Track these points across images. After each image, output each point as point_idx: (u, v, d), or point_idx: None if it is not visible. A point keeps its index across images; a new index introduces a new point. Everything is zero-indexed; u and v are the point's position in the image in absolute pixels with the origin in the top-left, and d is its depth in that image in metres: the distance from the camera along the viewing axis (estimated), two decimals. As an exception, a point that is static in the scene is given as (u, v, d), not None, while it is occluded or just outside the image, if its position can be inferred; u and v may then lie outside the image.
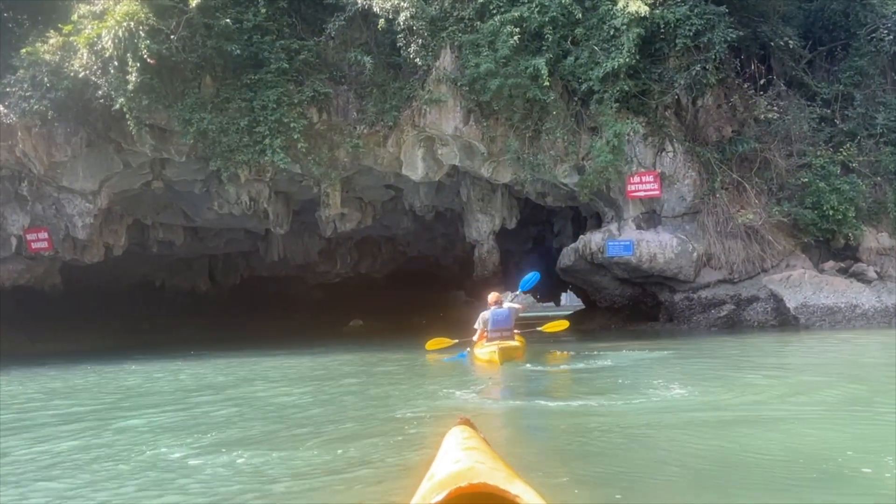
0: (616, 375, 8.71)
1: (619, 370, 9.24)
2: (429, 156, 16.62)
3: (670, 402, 6.33)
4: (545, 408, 6.58)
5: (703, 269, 16.78)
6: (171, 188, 18.75)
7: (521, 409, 6.82)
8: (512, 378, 9.14)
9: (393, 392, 8.11)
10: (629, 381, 8.04)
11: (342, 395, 8.18)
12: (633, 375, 8.68)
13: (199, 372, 11.71)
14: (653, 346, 12.80)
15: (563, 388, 8.56)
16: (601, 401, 6.46)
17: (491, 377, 9.23)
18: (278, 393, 8.44)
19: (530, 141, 16.00)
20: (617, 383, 7.97)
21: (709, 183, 16.83)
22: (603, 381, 8.18)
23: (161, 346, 20.42)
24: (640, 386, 7.45)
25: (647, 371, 9.16)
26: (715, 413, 5.74)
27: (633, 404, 6.21)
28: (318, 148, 15.62)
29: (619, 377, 8.49)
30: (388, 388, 8.50)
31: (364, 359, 12.71)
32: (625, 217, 17.12)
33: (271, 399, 7.99)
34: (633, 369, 9.37)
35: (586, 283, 18.16)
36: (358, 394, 8.21)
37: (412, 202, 19.96)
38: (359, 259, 26.37)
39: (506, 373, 9.47)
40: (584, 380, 8.65)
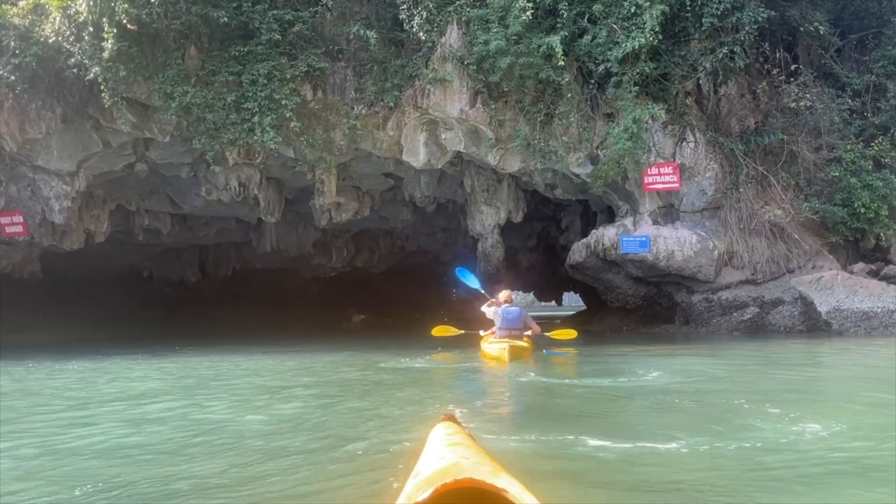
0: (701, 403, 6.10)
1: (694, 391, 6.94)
2: (431, 141, 15.22)
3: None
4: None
5: (724, 269, 15.42)
6: (156, 172, 17.34)
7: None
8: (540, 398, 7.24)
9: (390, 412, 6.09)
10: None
11: (317, 412, 6.16)
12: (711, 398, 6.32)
13: (164, 370, 10.34)
14: (685, 351, 11.47)
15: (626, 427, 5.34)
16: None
17: (505, 395, 7.74)
18: (228, 407, 6.54)
19: (541, 126, 14.60)
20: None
21: (732, 176, 15.47)
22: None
23: (144, 339, 19.05)
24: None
25: (724, 392, 6.82)
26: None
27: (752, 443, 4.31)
28: (311, 129, 14.22)
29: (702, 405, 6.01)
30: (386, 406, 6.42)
31: (358, 361, 11.31)
32: (640, 211, 15.75)
33: (215, 418, 6.00)
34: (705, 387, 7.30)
35: (597, 282, 16.79)
36: (337, 411, 6.36)
37: (412, 192, 18.56)
38: (355, 253, 24.98)
39: (529, 389, 7.86)
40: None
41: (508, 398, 7.33)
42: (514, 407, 6.74)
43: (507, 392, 7.71)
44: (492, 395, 7.51)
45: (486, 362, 10.25)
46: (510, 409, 6.64)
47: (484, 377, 9.19)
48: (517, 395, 7.40)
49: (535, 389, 7.65)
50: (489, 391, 8.05)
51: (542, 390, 7.58)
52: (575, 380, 8.28)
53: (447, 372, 10.10)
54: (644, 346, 12.30)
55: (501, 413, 6.27)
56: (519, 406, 6.75)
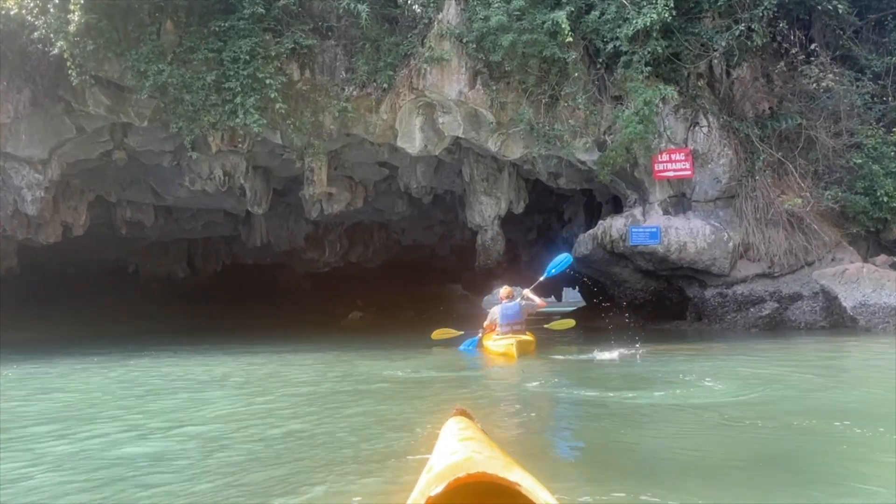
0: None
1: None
2: (428, 125, 14.10)
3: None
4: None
5: (739, 262, 14.34)
6: (136, 160, 16.18)
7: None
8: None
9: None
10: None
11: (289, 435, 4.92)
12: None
13: (135, 372, 9.23)
14: (718, 351, 10.28)
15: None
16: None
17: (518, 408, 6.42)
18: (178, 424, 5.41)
19: (546, 109, 13.50)
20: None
21: (747, 163, 14.39)
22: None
23: (126, 337, 17.94)
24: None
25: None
26: None
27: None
28: (299, 111, 13.08)
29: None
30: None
31: (360, 367, 10.18)
32: (650, 201, 14.66)
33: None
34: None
35: (604, 276, 15.70)
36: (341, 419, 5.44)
37: (408, 182, 17.44)
38: (349, 247, 23.84)
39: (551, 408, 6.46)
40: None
41: (544, 425, 5.46)
42: (557, 445, 4.74)
43: (543, 418, 5.65)
44: (523, 420, 5.40)
45: (493, 359, 9.96)
46: (551, 449, 4.62)
47: (501, 387, 7.74)
48: (555, 423, 5.56)
49: (566, 410, 6.00)
50: (515, 411, 5.92)
51: (572, 409, 5.93)
52: (610, 392, 6.32)
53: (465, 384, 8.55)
54: (671, 345, 11.13)
55: (540, 452, 4.40)
56: (559, 442, 4.86)
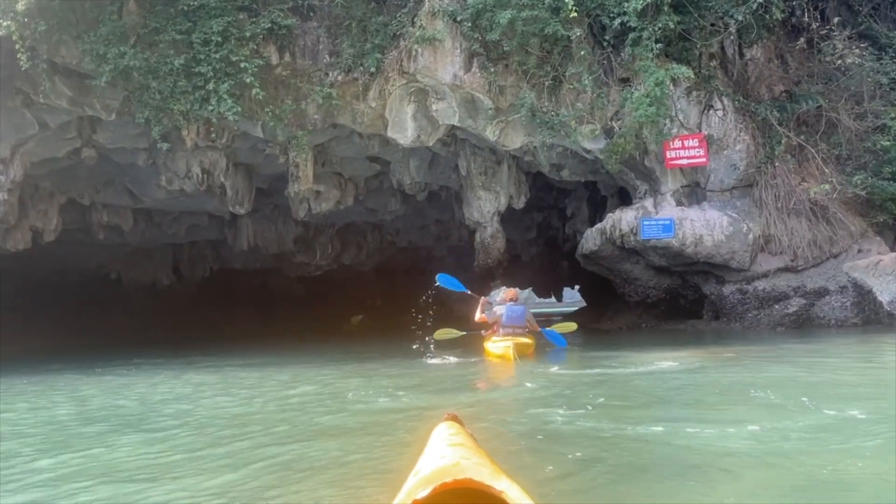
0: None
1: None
2: (421, 113, 12.82)
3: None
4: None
5: (759, 255, 13.10)
6: (108, 160, 14.85)
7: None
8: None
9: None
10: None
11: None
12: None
13: (95, 392, 7.90)
14: (785, 356, 8.52)
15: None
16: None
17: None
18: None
19: (549, 93, 12.25)
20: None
21: (766, 149, 13.15)
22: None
23: (106, 349, 16.59)
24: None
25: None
26: None
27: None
28: (279, 99, 11.79)
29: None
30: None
31: (352, 374, 8.89)
32: (662, 191, 13.41)
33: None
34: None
35: (613, 273, 14.42)
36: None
37: (400, 178, 16.16)
38: (341, 249, 22.52)
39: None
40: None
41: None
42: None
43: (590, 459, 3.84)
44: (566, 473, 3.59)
45: (491, 360, 9.90)
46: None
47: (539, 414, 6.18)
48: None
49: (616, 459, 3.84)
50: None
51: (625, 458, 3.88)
52: (658, 424, 4.43)
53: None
54: (705, 349, 9.68)
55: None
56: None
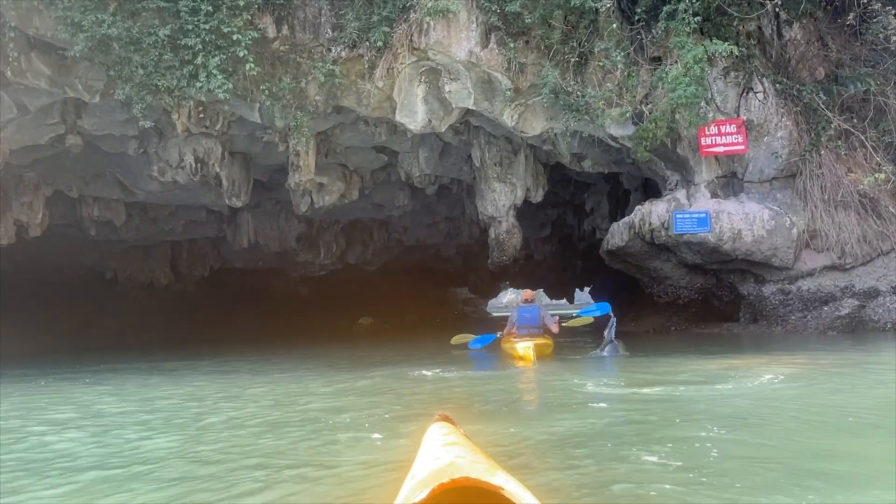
0: None
1: None
2: (432, 95, 11.54)
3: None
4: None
5: (803, 252, 11.77)
6: (95, 148, 13.62)
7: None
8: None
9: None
10: None
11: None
12: None
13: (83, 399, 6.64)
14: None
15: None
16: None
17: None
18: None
19: (574, 72, 10.95)
20: None
21: (811, 135, 11.83)
22: None
23: (100, 351, 15.43)
24: None
25: None
26: None
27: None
28: (276, 77, 10.52)
29: None
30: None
31: (358, 380, 7.60)
32: (696, 182, 12.10)
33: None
34: None
35: (641, 271, 13.09)
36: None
37: (409, 170, 14.89)
38: (346, 247, 21.24)
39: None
40: None
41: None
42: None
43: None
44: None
45: (512, 362, 9.29)
46: None
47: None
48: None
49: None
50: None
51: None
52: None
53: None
54: (770, 356, 8.23)
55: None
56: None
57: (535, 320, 10.04)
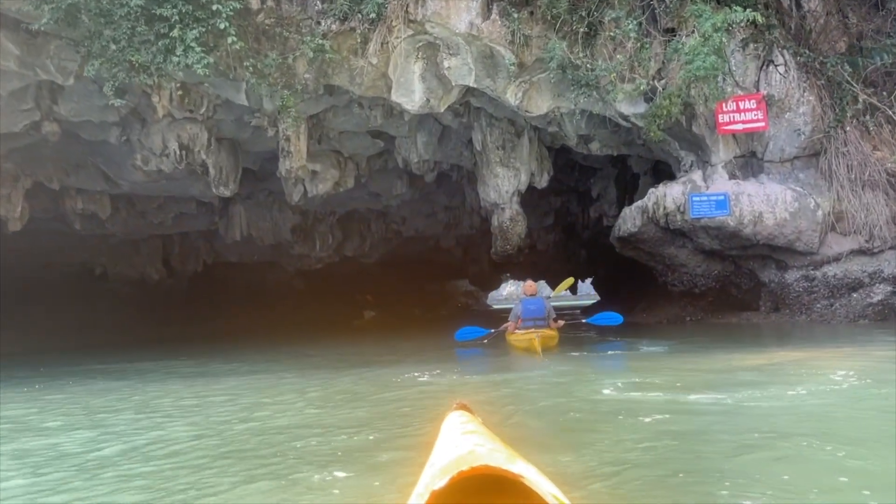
0: None
1: None
2: (430, 73, 10.67)
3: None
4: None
5: (828, 235, 10.94)
6: (75, 136, 12.77)
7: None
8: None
9: None
10: None
11: None
12: None
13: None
14: None
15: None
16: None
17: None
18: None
19: (583, 44, 10.08)
20: None
21: (836, 111, 10.98)
22: None
23: (90, 350, 14.62)
24: None
25: None
26: None
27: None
28: (261, 52, 9.65)
29: None
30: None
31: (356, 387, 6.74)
32: (713, 162, 11.26)
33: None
34: None
35: (655, 258, 12.25)
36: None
37: (407, 156, 14.04)
38: (343, 239, 20.38)
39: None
40: None
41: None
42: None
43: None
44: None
45: (517, 352, 9.32)
46: None
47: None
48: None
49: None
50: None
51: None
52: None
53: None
54: (821, 348, 7.38)
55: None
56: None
57: (540, 312, 9.71)
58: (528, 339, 9.12)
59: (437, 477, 1.73)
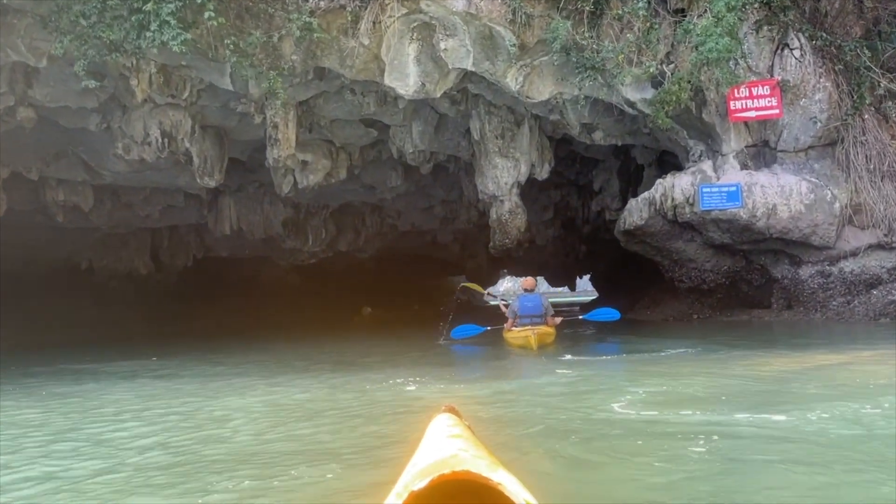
0: None
1: None
2: (426, 55, 9.99)
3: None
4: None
5: (845, 229, 10.31)
6: (53, 123, 12.07)
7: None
8: None
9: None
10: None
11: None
12: None
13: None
14: None
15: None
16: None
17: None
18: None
19: (589, 24, 9.42)
20: None
21: (853, 98, 10.34)
22: None
23: (73, 348, 13.87)
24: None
25: None
26: None
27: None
28: (245, 31, 8.96)
29: None
30: None
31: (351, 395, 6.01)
32: (723, 151, 10.61)
33: None
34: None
35: (661, 253, 11.59)
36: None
37: (401, 147, 13.35)
38: (336, 234, 19.70)
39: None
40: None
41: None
42: None
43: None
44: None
45: (513, 349, 9.25)
46: None
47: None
48: None
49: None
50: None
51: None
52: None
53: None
54: (852, 351, 6.51)
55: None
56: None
57: (537, 309, 9.54)
58: (525, 337, 9.03)
59: (417, 478, 1.71)
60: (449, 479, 1.71)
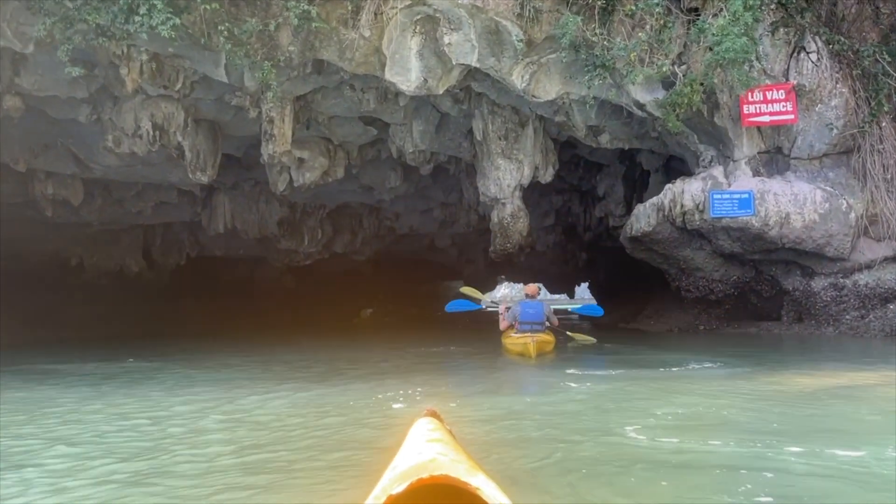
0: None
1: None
2: (428, 49, 9.56)
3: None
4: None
5: (860, 240, 9.89)
6: (41, 113, 11.61)
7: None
8: None
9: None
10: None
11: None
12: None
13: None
14: None
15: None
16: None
17: None
18: None
19: (600, 20, 9.00)
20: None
21: (871, 104, 9.93)
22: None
23: (58, 347, 13.40)
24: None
25: None
26: None
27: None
28: (240, 18, 8.52)
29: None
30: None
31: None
32: (735, 157, 10.19)
33: None
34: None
35: (668, 261, 11.15)
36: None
37: (401, 146, 12.91)
38: (333, 234, 19.22)
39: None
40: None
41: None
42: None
43: None
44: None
45: (511, 357, 9.08)
46: None
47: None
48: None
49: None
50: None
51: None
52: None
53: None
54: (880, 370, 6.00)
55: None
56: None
57: (538, 316, 9.34)
58: (524, 344, 8.88)
59: (395, 481, 1.70)
60: (427, 483, 1.70)
